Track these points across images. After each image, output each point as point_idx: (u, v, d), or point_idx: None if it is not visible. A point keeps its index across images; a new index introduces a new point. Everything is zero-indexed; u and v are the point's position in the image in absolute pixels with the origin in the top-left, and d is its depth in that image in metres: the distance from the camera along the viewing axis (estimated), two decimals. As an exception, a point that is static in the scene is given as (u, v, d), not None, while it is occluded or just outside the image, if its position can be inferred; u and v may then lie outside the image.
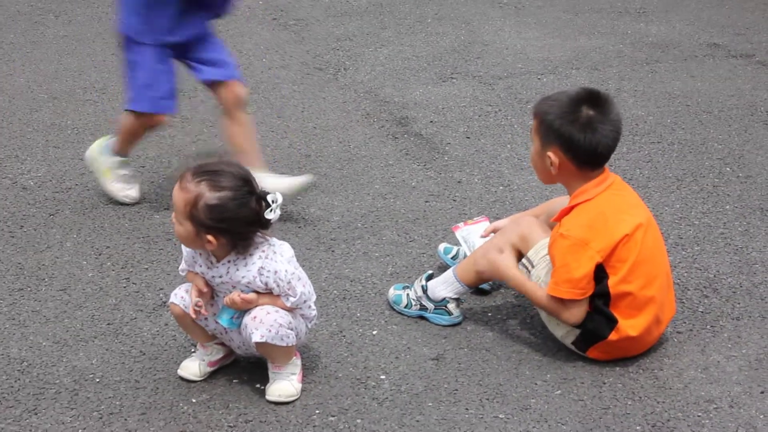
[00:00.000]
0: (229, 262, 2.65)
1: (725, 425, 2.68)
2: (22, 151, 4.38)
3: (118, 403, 2.75)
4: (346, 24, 6.38)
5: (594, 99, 2.97)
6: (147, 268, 3.50)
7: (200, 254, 2.71)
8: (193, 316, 2.72)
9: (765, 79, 5.54)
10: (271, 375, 2.78)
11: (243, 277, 2.65)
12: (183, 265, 2.80)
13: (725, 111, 5.04)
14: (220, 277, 2.68)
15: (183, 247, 2.77)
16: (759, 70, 5.65)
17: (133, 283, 3.40)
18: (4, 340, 2.96)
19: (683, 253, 3.63)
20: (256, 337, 2.59)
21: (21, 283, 3.32)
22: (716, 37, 6.23)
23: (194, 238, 2.60)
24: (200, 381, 2.85)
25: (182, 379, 2.86)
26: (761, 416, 2.73)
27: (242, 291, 2.65)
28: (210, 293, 2.73)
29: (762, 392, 2.82)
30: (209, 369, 2.88)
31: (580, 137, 2.95)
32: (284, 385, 2.77)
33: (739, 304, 3.38)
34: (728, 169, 4.42)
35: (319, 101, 5.09)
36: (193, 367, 2.86)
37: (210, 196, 2.52)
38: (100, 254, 3.61)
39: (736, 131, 4.83)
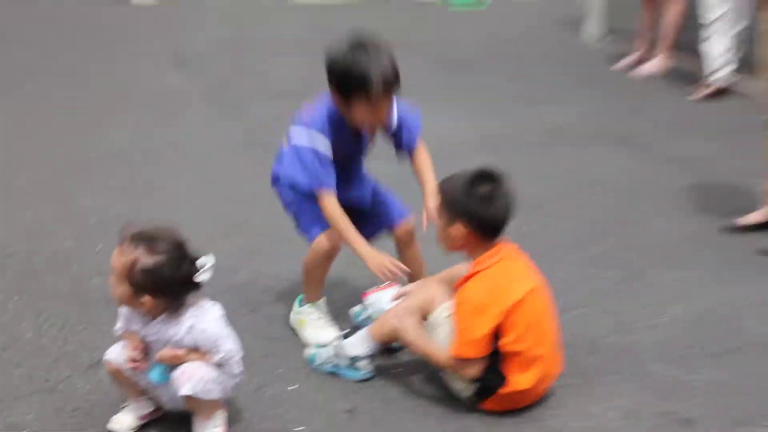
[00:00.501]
0: (162, 320, 2.65)
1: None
2: (-32, 214, 4.31)
3: (52, 457, 2.69)
4: (278, 104, 6.43)
5: (490, 176, 3.02)
6: (84, 329, 3.45)
7: (136, 313, 2.69)
8: (130, 367, 2.70)
9: (643, 158, 5.70)
10: (196, 428, 2.76)
11: (174, 335, 2.64)
12: (119, 325, 2.78)
13: (610, 187, 5.16)
14: (154, 334, 2.67)
15: (120, 311, 2.75)
16: (638, 151, 5.82)
17: (70, 343, 3.34)
18: (-55, 396, 2.88)
19: (570, 315, 3.66)
20: (184, 391, 2.58)
21: (-39, 342, 3.24)
22: (602, 122, 6.40)
23: (131, 299, 2.61)
24: (130, 434, 2.83)
25: (113, 432, 2.84)
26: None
27: (173, 348, 2.65)
28: (144, 350, 2.72)
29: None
30: (139, 422, 2.84)
31: (480, 211, 3.00)
32: None
33: (616, 361, 3.43)
34: (612, 239, 4.49)
35: (252, 173, 5.06)
36: (124, 421, 2.84)
37: (146, 260, 2.53)
38: (39, 316, 3.55)
39: (620, 205, 4.94)
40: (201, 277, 2.65)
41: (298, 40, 8.74)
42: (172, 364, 2.65)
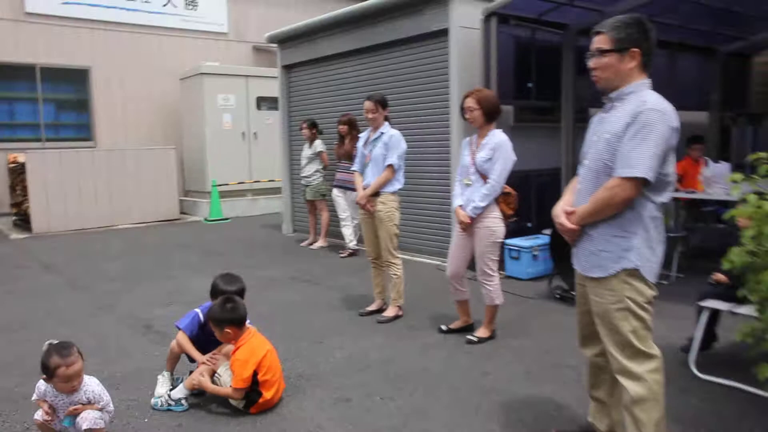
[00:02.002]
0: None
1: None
2: None
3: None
4: (113, 285, 6.11)
5: (229, 299, 3.29)
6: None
7: (52, 390, 2.78)
8: (46, 419, 2.77)
9: (317, 288, 5.80)
10: None
11: (76, 396, 2.79)
12: (34, 397, 2.83)
13: (299, 306, 5.29)
14: (62, 399, 2.80)
15: (37, 388, 2.80)
16: (314, 285, 5.97)
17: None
18: None
19: (291, 363, 3.85)
20: (85, 426, 2.73)
21: None
22: (295, 273, 6.45)
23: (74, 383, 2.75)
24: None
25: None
26: (326, 425, 3.11)
27: (74, 406, 2.78)
28: (52, 411, 2.80)
29: (329, 420, 3.16)
30: None
31: (234, 316, 3.24)
32: None
33: (312, 380, 3.64)
34: (302, 330, 4.55)
35: (99, 321, 4.91)
36: None
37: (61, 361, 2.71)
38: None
39: (304, 312, 5.02)
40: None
41: (121, 249, 8.34)
42: (74, 415, 2.77)
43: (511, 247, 6.11)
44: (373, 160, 4.76)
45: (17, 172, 10.12)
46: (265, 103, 11.90)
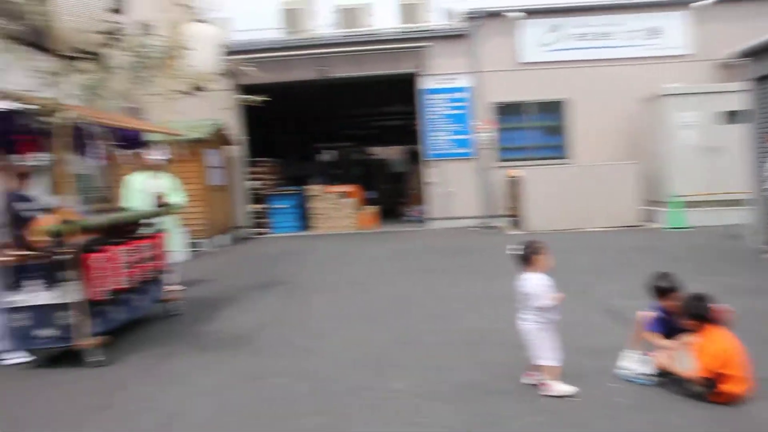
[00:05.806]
0: None
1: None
2: None
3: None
4: (586, 276, 6.40)
5: (697, 297, 3.13)
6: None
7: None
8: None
9: None
10: None
11: None
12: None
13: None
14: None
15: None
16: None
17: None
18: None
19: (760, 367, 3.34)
20: None
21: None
22: (755, 284, 5.81)
23: None
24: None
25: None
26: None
27: None
28: None
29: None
30: None
31: (694, 312, 3.11)
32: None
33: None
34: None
35: (574, 304, 4.71)
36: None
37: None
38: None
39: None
40: None
41: (587, 247, 8.41)
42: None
43: None
44: None
45: (512, 184, 11.99)
46: (727, 117, 10.63)
